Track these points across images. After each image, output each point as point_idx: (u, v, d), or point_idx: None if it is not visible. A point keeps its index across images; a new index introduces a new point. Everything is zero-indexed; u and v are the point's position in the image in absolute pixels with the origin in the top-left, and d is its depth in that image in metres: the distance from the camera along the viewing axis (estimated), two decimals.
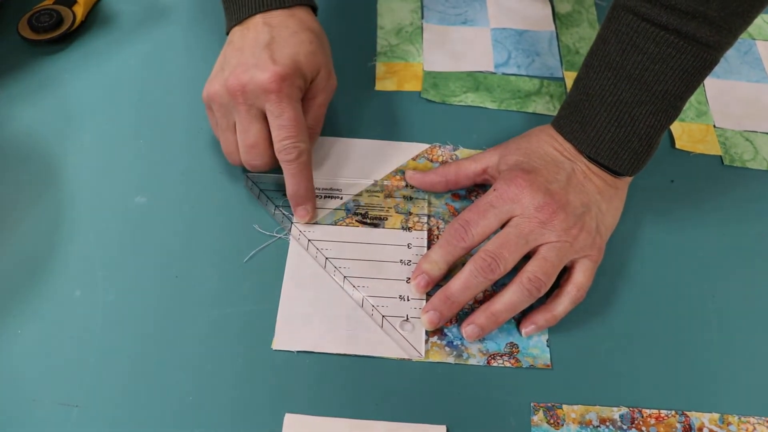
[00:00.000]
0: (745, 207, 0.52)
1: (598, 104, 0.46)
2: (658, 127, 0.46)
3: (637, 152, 0.46)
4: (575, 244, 0.45)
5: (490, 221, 0.45)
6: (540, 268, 0.44)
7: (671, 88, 0.45)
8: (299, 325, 0.45)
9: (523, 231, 0.44)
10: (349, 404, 0.42)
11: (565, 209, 0.45)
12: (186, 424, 0.41)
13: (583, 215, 0.45)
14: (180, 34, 0.62)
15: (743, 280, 0.49)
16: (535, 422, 0.42)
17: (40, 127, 0.55)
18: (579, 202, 0.46)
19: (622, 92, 0.45)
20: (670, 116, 0.46)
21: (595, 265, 0.46)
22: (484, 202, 0.46)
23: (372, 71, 0.60)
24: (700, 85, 0.46)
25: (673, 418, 0.42)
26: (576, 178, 0.47)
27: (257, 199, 0.51)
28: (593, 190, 0.47)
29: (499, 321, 0.44)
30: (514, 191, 0.45)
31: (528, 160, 0.47)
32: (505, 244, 0.44)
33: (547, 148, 0.48)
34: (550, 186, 0.45)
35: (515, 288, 0.44)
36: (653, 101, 0.45)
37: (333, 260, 0.48)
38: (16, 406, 0.42)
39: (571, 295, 0.45)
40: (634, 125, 0.46)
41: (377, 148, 0.54)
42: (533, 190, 0.45)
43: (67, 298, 0.46)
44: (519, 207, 0.45)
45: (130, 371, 0.43)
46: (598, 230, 0.46)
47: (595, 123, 0.46)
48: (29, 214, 0.50)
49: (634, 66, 0.45)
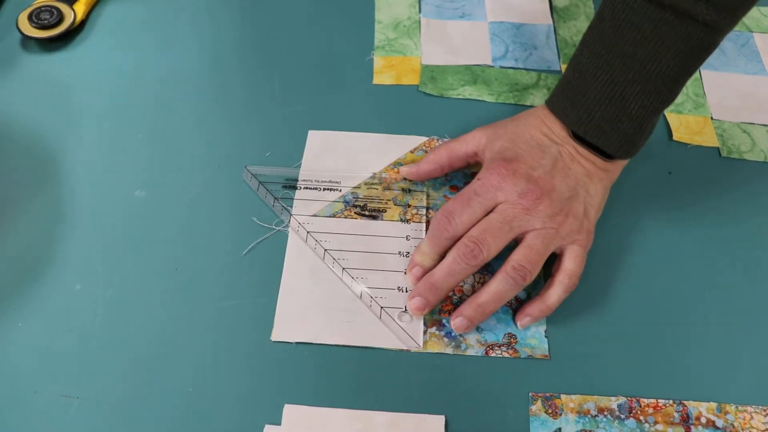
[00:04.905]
0: (743, 198, 0.53)
1: (590, 81, 0.45)
2: (650, 108, 0.45)
3: (628, 134, 0.45)
4: (561, 230, 0.44)
5: (474, 209, 0.45)
6: (524, 257, 0.43)
7: (665, 68, 0.44)
8: (298, 316, 0.45)
9: (507, 217, 0.44)
10: (348, 395, 0.43)
11: (550, 195, 0.44)
12: (185, 415, 0.42)
13: (570, 200, 0.45)
14: (179, 32, 0.62)
15: (740, 271, 0.49)
16: (534, 412, 0.42)
17: (40, 121, 0.55)
18: (565, 187, 0.45)
19: (614, 70, 0.44)
20: (663, 99, 0.45)
21: (584, 250, 0.45)
22: (468, 191, 0.45)
23: (370, 65, 0.60)
24: (697, 68, 0.45)
25: (671, 407, 0.43)
26: (562, 161, 0.46)
27: (256, 191, 0.51)
28: (581, 173, 0.46)
29: (486, 312, 0.44)
30: (496, 179, 0.45)
31: (512, 147, 0.47)
32: (488, 229, 0.44)
33: (534, 133, 0.47)
34: (534, 173, 0.45)
35: (500, 278, 0.43)
36: (646, 81, 0.44)
37: (332, 252, 0.48)
38: (17, 399, 0.42)
39: (563, 283, 0.44)
40: (625, 105, 0.45)
41: (375, 142, 0.54)
42: (516, 177, 0.44)
43: (67, 291, 0.46)
44: (503, 194, 0.44)
45: (130, 363, 0.43)
46: (586, 214, 0.46)
47: (585, 100, 0.45)
48: (29, 208, 0.50)
49: (628, 44, 0.44)
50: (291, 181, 0.52)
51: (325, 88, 0.58)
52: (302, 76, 0.59)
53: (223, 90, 0.58)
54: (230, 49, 0.61)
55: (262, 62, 0.60)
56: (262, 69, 0.59)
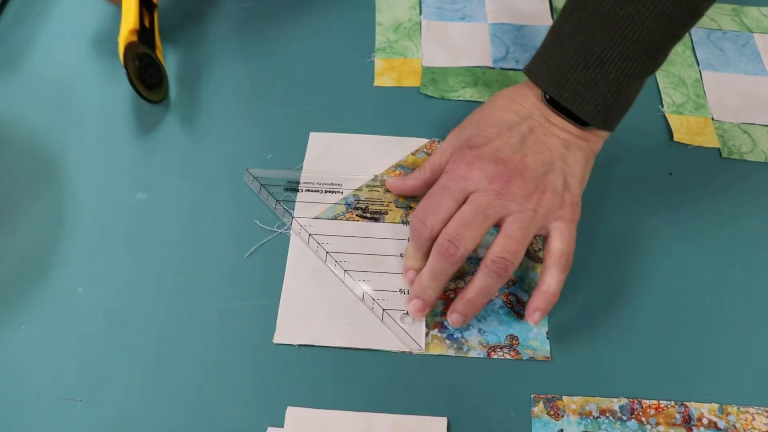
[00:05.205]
0: (744, 199, 0.53)
1: (567, 42, 0.44)
2: (629, 73, 0.43)
3: (605, 99, 0.43)
4: (540, 209, 0.43)
5: (446, 205, 0.43)
6: (503, 248, 0.42)
7: (647, 32, 0.42)
8: (300, 318, 0.45)
9: (480, 205, 0.42)
10: (351, 397, 0.43)
11: (522, 174, 0.43)
12: (188, 418, 0.42)
13: (545, 175, 0.43)
14: (179, 33, 0.62)
15: (741, 272, 0.49)
16: (536, 413, 0.42)
17: (42, 123, 0.55)
18: (539, 163, 0.44)
19: (593, 31, 0.43)
20: (644, 66, 0.43)
21: (571, 224, 0.44)
22: (437, 187, 0.44)
23: (371, 67, 0.60)
24: (680, 37, 0.44)
25: (673, 408, 0.43)
26: (534, 137, 0.44)
27: (257, 194, 0.51)
28: (557, 144, 0.44)
29: (477, 306, 0.44)
30: (463, 169, 0.44)
31: (479, 133, 0.45)
32: (462, 222, 0.42)
33: (502, 114, 0.46)
34: (502, 154, 0.44)
35: (482, 272, 0.43)
36: (625, 44, 0.42)
37: (333, 254, 0.48)
38: (20, 401, 0.42)
39: (557, 266, 0.43)
40: (603, 68, 0.43)
41: (377, 144, 0.55)
42: (482, 162, 0.43)
43: (69, 294, 0.46)
44: (472, 183, 0.43)
45: (133, 366, 0.43)
46: (567, 186, 0.44)
47: (562, 62, 0.44)
48: (31, 211, 0.50)
49: (609, 5, 0.42)
50: (292, 184, 0.52)
51: (326, 91, 0.58)
52: (303, 78, 0.59)
53: (224, 92, 0.58)
54: (231, 51, 0.61)
55: (264, 64, 0.60)
56: (263, 71, 0.59)
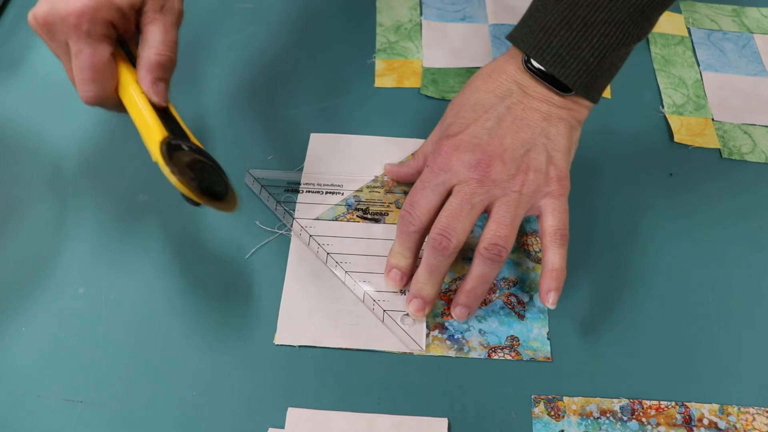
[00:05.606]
0: (744, 200, 0.53)
1: (551, 6, 0.43)
2: (613, 39, 0.43)
3: (588, 64, 0.43)
4: (525, 189, 0.43)
5: (429, 198, 0.43)
6: (493, 234, 0.42)
7: None
8: (301, 320, 0.45)
9: (465, 196, 0.43)
10: (352, 398, 0.43)
11: (502, 157, 0.43)
12: (189, 419, 0.42)
13: (526, 154, 0.43)
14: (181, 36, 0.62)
15: (742, 272, 0.49)
16: (536, 414, 0.42)
17: (44, 124, 0.55)
18: (518, 143, 0.43)
19: None
20: (629, 33, 0.43)
21: (561, 199, 0.43)
22: (420, 181, 0.45)
23: (371, 68, 0.60)
24: (667, 5, 0.44)
25: (673, 409, 0.43)
26: (511, 115, 0.44)
27: (258, 195, 0.51)
28: (537, 119, 0.44)
29: (478, 295, 0.44)
30: (442, 161, 0.44)
31: (455, 119, 0.45)
32: (450, 215, 0.42)
33: (479, 95, 0.45)
34: (479, 140, 0.43)
35: (477, 261, 0.43)
36: (610, 8, 0.42)
37: (334, 255, 0.48)
38: (21, 402, 0.42)
39: (555, 242, 0.43)
40: (587, 32, 0.42)
41: (377, 145, 0.55)
42: (459, 152, 0.43)
43: (70, 295, 0.46)
44: (452, 175, 0.43)
45: (134, 367, 0.44)
46: (551, 160, 0.44)
47: (544, 24, 0.43)
48: (32, 212, 0.50)
49: None
50: (293, 185, 0.52)
51: (326, 91, 0.58)
52: (304, 79, 0.59)
53: (224, 92, 0.58)
54: (232, 52, 0.61)
55: (264, 65, 0.60)
56: (264, 72, 0.59)
